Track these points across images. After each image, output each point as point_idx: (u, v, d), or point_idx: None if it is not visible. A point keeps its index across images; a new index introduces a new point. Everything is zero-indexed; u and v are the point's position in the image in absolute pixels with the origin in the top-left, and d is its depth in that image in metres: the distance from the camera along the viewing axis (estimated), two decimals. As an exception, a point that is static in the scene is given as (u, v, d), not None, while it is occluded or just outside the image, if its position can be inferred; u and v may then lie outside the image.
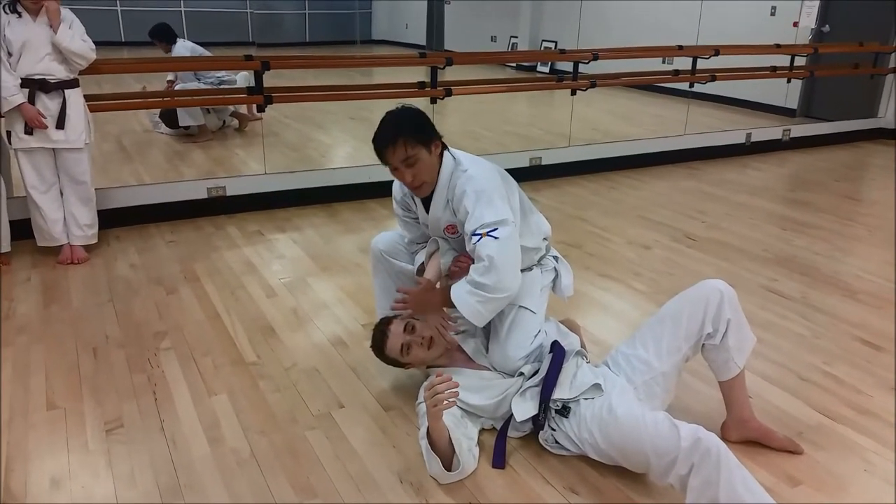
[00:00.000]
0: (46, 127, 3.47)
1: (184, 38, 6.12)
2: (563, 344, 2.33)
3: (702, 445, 1.80)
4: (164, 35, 5.95)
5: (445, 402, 1.99)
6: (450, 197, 2.30)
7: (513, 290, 2.21)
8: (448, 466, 2.07)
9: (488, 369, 2.37)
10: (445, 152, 2.35)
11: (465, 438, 2.15)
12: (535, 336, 2.35)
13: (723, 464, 1.77)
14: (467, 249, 2.26)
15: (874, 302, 3.42)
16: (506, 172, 2.40)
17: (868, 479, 2.16)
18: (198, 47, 6.00)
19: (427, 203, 2.38)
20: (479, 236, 2.16)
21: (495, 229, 2.16)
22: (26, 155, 3.54)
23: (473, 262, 2.23)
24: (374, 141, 2.25)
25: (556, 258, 2.58)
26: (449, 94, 4.96)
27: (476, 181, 2.23)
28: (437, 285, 2.43)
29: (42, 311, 3.15)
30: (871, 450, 2.29)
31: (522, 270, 2.36)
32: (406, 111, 2.29)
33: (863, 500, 2.07)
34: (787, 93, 7.78)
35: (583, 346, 2.50)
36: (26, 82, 3.42)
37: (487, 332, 2.45)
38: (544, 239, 2.53)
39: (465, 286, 2.21)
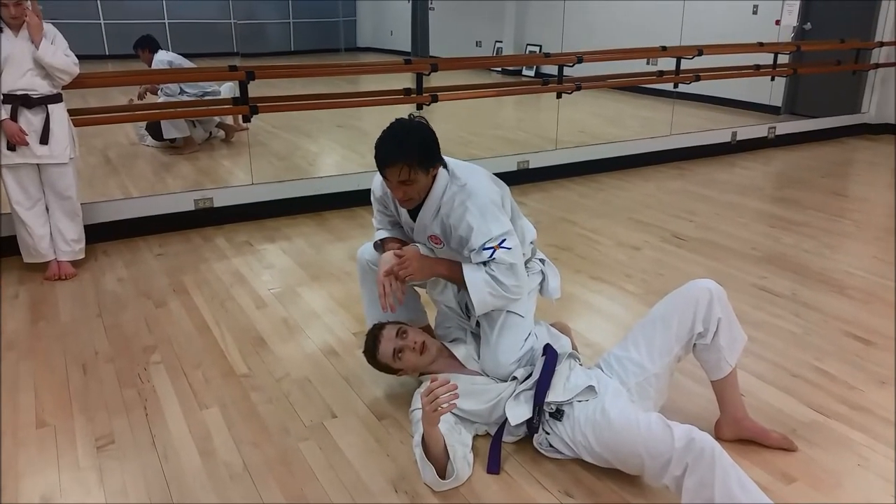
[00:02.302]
0: (28, 143, 3.45)
1: (168, 49, 6.10)
2: (554, 347, 2.33)
3: (696, 445, 1.80)
4: (147, 43, 5.93)
5: (444, 405, 1.98)
6: (444, 211, 2.27)
7: (521, 296, 2.28)
8: (442, 474, 2.06)
9: (480, 375, 2.36)
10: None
11: (460, 445, 2.14)
12: (525, 340, 2.36)
13: (717, 463, 1.77)
14: (473, 261, 2.25)
15: (864, 297, 3.43)
16: (497, 178, 2.39)
17: (863, 475, 2.16)
18: (177, 59, 5.97)
19: (413, 212, 2.37)
20: (491, 249, 2.19)
21: (504, 240, 2.21)
22: (10, 171, 3.51)
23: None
24: (376, 149, 2.19)
25: (542, 261, 2.58)
26: (435, 100, 4.96)
27: (477, 197, 2.24)
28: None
29: (30, 328, 3.12)
30: (864, 445, 2.29)
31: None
32: (416, 131, 2.19)
33: (858, 495, 2.08)
34: (771, 91, 7.85)
35: (574, 348, 2.51)
36: (9, 98, 3.40)
37: (478, 338, 2.45)
38: (530, 243, 2.53)
39: (482, 274, 2.22)
